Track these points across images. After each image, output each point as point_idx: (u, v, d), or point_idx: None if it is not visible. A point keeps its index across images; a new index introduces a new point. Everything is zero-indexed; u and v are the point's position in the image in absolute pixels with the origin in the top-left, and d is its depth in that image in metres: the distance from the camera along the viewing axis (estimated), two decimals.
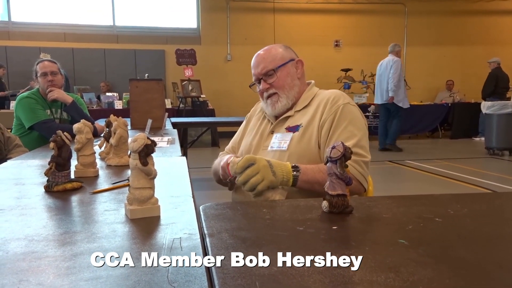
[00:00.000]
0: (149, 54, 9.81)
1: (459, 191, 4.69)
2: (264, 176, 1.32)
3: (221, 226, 0.94)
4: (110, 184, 1.40)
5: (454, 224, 0.98)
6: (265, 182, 1.32)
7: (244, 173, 1.31)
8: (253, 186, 1.31)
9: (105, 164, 1.79)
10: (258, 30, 10.33)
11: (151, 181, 1.04)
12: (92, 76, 9.45)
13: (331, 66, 10.47)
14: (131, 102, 3.98)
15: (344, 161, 1.04)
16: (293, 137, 1.62)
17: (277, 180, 1.36)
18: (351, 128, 1.57)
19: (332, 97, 1.64)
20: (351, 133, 1.55)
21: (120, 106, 8.23)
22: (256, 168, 1.32)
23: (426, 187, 5.02)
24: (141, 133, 1.02)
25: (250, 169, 1.32)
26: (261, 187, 1.31)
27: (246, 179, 1.31)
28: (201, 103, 8.73)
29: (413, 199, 1.21)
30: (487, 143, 7.38)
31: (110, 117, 1.90)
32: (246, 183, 1.32)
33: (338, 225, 0.96)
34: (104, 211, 1.09)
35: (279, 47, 1.75)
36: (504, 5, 11.28)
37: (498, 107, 7.09)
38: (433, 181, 5.36)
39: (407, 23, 11.05)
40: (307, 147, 1.59)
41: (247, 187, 1.32)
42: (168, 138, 2.92)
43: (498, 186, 4.98)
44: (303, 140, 1.60)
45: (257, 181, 1.31)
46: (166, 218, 1.02)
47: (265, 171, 1.33)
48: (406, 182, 5.46)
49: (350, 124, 1.57)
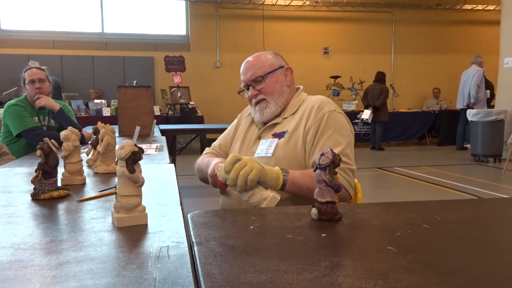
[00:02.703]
0: (138, 61, 9.78)
1: (446, 197, 4.73)
2: (252, 167, 1.31)
3: (209, 234, 0.93)
4: (97, 192, 1.39)
5: (442, 231, 0.98)
6: (255, 172, 1.30)
7: (233, 168, 1.30)
8: (244, 177, 1.29)
9: (92, 172, 1.78)
10: (248, 37, 10.37)
11: (139, 188, 1.03)
12: (81, 83, 9.39)
13: (320, 73, 10.53)
14: (120, 109, 3.96)
15: (333, 168, 1.04)
16: (278, 143, 1.62)
17: (266, 173, 1.35)
18: (336, 136, 1.57)
19: (318, 103, 1.64)
20: (336, 141, 1.55)
21: (109, 113, 8.18)
22: (244, 161, 1.32)
23: (414, 194, 5.06)
24: (129, 140, 1.02)
25: (238, 163, 1.31)
26: (252, 176, 1.29)
27: (236, 173, 1.29)
28: (190, 110, 8.71)
29: (402, 205, 1.21)
30: (473, 150, 7.47)
31: (97, 124, 1.88)
32: (237, 180, 1.29)
33: (327, 233, 0.96)
34: (91, 219, 1.08)
35: (268, 54, 1.75)
36: (487, 16, 11.47)
37: (482, 115, 7.19)
38: (421, 188, 5.40)
39: (395, 31, 11.19)
40: (292, 153, 1.59)
41: (240, 179, 1.29)
42: (156, 145, 2.91)
43: (483, 192, 5.03)
44: (288, 146, 1.60)
45: (247, 171, 1.30)
46: (154, 226, 1.01)
47: (253, 162, 1.33)
48: (394, 189, 5.50)
49: (336, 132, 1.57)
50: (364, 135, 9.58)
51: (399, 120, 9.74)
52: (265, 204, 1.28)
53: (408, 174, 6.25)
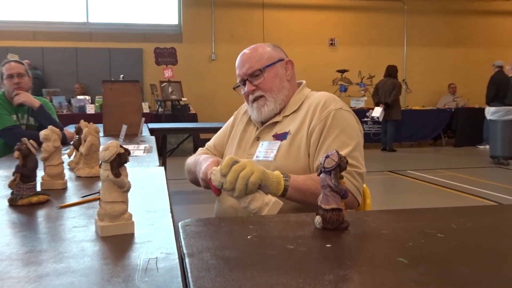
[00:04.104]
0: (125, 53, 9.78)
1: (463, 203, 4.74)
2: (253, 169, 1.27)
3: (202, 245, 0.93)
4: (80, 198, 1.39)
5: (458, 240, 0.98)
6: (256, 174, 1.26)
7: (231, 170, 1.26)
8: (245, 179, 1.25)
9: (75, 175, 1.77)
10: (246, 27, 10.38)
11: (124, 194, 1.03)
12: (63, 78, 9.39)
13: (326, 67, 10.54)
14: (104, 106, 3.96)
15: (339, 172, 1.04)
16: (280, 146, 1.61)
17: (268, 176, 1.32)
18: (343, 137, 1.56)
19: (323, 101, 1.63)
20: (343, 143, 1.54)
21: (93, 111, 8.18)
22: (242, 163, 1.28)
23: (428, 200, 5.06)
24: (114, 141, 1.01)
25: (236, 165, 1.27)
26: (254, 178, 1.25)
27: (235, 176, 1.25)
28: (182, 107, 8.71)
29: (414, 213, 1.22)
30: (492, 152, 7.47)
31: (80, 123, 1.88)
32: (236, 183, 1.25)
33: (332, 243, 0.96)
34: (73, 228, 1.08)
35: (266, 46, 1.75)
36: (508, 5, 11.49)
37: (502, 113, 7.19)
38: (436, 193, 5.41)
39: (407, 22, 11.20)
40: (295, 157, 1.58)
41: (239, 182, 1.24)
42: (144, 146, 2.91)
43: (503, 197, 5.04)
44: (291, 149, 1.59)
45: (247, 174, 1.25)
46: (141, 235, 1.01)
47: (253, 165, 1.29)
48: (407, 194, 5.50)
49: (342, 132, 1.57)
50: (374, 135, 9.57)
51: (412, 118, 9.73)
52: (267, 210, 1.26)
53: (422, 178, 6.26)
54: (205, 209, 1.64)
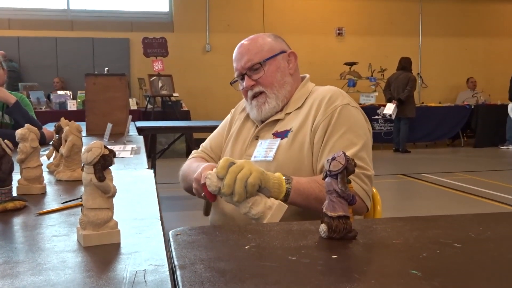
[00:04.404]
0: (110, 44, 9.78)
1: (483, 209, 4.74)
2: (251, 169, 1.27)
3: (195, 256, 0.93)
4: (60, 204, 1.39)
5: (476, 251, 0.99)
6: (255, 174, 1.26)
7: (228, 172, 1.26)
8: (243, 181, 1.24)
9: (54, 179, 1.77)
10: (244, 15, 10.38)
11: (109, 200, 1.03)
12: (42, 71, 9.38)
13: (333, 59, 10.54)
14: (87, 102, 3.96)
15: (346, 176, 1.04)
16: (280, 144, 1.62)
17: (268, 177, 1.32)
18: (349, 135, 1.56)
19: (329, 95, 1.63)
20: (349, 142, 1.55)
21: (74, 107, 8.19)
22: (239, 164, 1.28)
23: (445, 206, 5.07)
24: (97, 141, 1.02)
25: (233, 167, 1.27)
26: (253, 179, 1.25)
27: (233, 177, 1.24)
28: (174, 104, 8.71)
29: (429, 220, 1.22)
30: None
31: (60, 121, 1.89)
32: (235, 186, 1.24)
33: (338, 254, 0.96)
34: (52, 237, 1.08)
35: (267, 37, 1.75)
36: None
37: None
38: (454, 198, 5.42)
39: (423, 9, 11.21)
40: (297, 157, 1.58)
41: (238, 184, 1.24)
42: (132, 146, 2.92)
43: None
44: (292, 147, 1.60)
45: (245, 174, 1.25)
46: (128, 245, 1.01)
47: (250, 164, 1.29)
48: (421, 200, 5.51)
49: (349, 130, 1.57)
50: (386, 134, 9.57)
51: (428, 116, 9.73)
52: (270, 215, 1.25)
53: (437, 182, 6.26)
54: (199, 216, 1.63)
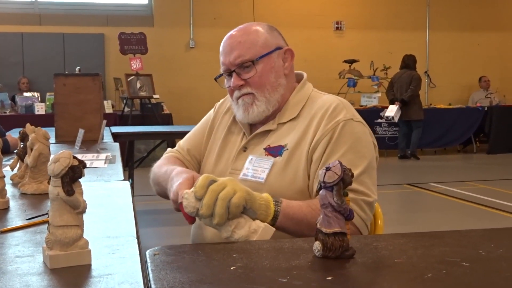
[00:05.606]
0: (82, 40, 9.77)
1: (497, 223, 4.76)
2: (235, 188, 1.25)
3: (175, 278, 0.93)
4: (25, 220, 1.38)
5: (486, 270, 0.99)
6: (240, 194, 1.24)
7: (208, 191, 1.23)
8: (225, 201, 1.22)
9: (19, 192, 1.76)
10: (232, 8, 10.40)
11: (79, 216, 1.03)
12: (6, 70, 9.35)
13: (331, 56, 10.59)
14: (57, 105, 3.95)
15: (342, 188, 1.04)
16: (274, 163, 1.57)
17: (254, 198, 1.30)
18: (351, 155, 1.52)
19: (332, 107, 1.58)
20: (350, 163, 1.43)
21: (42, 111, 8.15)
22: (222, 182, 1.26)
23: (454, 219, 5.09)
24: (65, 151, 1.01)
25: (214, 185, 1.25)
26: (237, 199, 1.23)
27: (214, 197, 1.22)
28: (154, 106, 8.70)
29: (435, 237, 1.23)
30: None
31: (26, 127, 1.88)
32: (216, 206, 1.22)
33: (334, 275, 0.96)
34: (15, 258, 1.08)
35: (261, 28, 1.68)
36: None
37: None
38: (465, 211, 5.44)
39: (430, 1, 11.28)
40: (292, 180, 1.54)
41: (219, 204, 1.22)
42: (106, 155, 2.91)
43: None
44: (287, 169, 1.56)
45: (228, 194, 1.23)
46: (100, 267, 1.01)
47: (234, 183, 1.27)
48: (429, 213, 5.53)
49: (351, 149, 1.53)
50: (390, 139, 9.59)
51: (436, 119, 9.76)
52: (255, 239, 1.24)
53: (447, 192, 6.28)
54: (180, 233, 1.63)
